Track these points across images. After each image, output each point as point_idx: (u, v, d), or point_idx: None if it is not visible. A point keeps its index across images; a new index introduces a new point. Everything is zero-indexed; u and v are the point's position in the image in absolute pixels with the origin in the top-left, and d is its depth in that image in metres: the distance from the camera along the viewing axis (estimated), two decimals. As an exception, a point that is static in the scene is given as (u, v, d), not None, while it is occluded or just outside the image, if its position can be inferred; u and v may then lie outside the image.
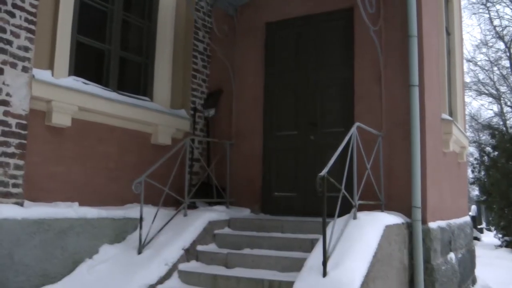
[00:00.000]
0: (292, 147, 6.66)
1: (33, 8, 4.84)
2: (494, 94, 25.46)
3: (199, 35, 7.26)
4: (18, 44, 4.67)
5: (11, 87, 4.58)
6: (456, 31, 8.83)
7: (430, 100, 6.12)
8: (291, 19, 6.86)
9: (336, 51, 6.54)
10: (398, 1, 6.04)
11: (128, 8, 6.50)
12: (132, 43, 6.65)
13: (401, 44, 5.93)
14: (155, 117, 6.33)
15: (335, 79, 6.48)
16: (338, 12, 6.52)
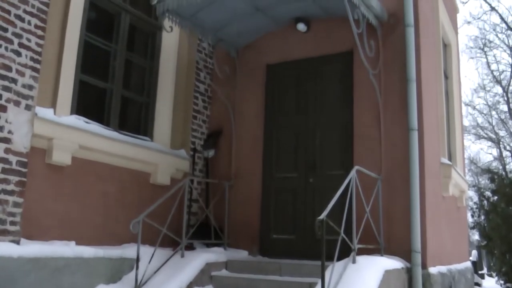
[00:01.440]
0: (291, 189, 6.65)
1: (39, 47, 4.92)
2: (493, 138, 25.60)
3: (200, 76, 7.36)
4: (23, 83, 4.73)
5: (13, 125, 4.61)
6: (454, 75, 8.96)
7: (429, 144, 6.16)
8: (292, 62, 6.97)
9: (336, 93, 6.61)
10: (397, 46, 6.16)
11: (132, 47, 6.62)
12: (134, 83, 6.73)
13: (400, 88, 6.01)
14: (155, 157, 6.34)
15: (335, 121, 6.53)
16: (338, 55, 6.63)
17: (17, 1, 4.75)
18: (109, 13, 6.33)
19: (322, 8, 6.47)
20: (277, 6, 6.50)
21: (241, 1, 6.22)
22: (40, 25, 4.95)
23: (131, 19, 6.50)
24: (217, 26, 6.69)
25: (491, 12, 23.70)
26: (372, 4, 5.79)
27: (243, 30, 6.93)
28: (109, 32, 6.31)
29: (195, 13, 6.25)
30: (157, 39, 6.88)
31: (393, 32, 6.24)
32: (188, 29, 6.48)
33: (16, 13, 4.73)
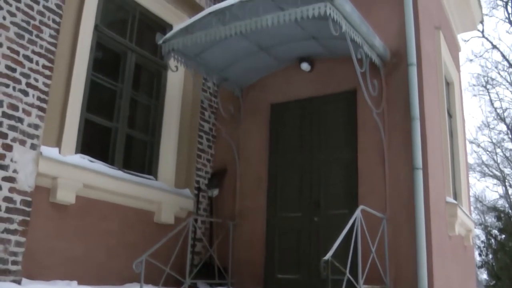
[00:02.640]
0: (295, 228, 6.59)
1: (46, 87, 4.99)
2: (498, 176, 25.47)
3: (205, 115, 7.42)
4: (29, 122, 4.78)
5: (18, 164, 4.63)
6: (458, 113, 8.98)
7: (434, 183, 6.13)
8: (296, 101, 7.02)
9: (340, 132, 6.63)
10: (400, 84, 6.20)
11: (137, 86, 6.70)
12: (139, 121, 6.78)
13: (404, 127, 6.02)
14: (159, 196, 6.33)
15: (339, 159, 6.53)
16: (342, 94, 6.67)
17: (25, 42, 4.85)
18: (115, 52, 6.43)
19: (326, 48, 6.56)
20: (281, 46, 6.60)
21: (245, 41, 6.31)
22: (47, 65, 5.04)
23: (137, 59, 6.60)
24: (221, 65, 6.78)
25: (492, 50, 24.02)
26: (375, 43, 5.87)
27: (247, 69, 7.02)
28: (115, 71, 6.40)
29: (200, 52, 6.35)
30: (162, 78, 6.97)
31: (396, 71, 6.30)
32: (193, 68, 6.56)
33: (24, 54, 4.83)
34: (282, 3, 5.17)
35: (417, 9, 6.45)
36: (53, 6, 5.18)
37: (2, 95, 4.58)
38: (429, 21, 7.15)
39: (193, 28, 5.71)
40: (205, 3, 7.49)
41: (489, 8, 23.59)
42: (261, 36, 6.21)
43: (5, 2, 4.69)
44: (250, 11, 5.26)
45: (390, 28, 6.45)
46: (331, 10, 4.91)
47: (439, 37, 7.55)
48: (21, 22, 4.83)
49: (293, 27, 5.95)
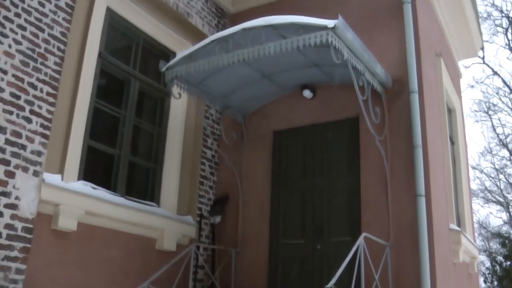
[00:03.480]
0: (298, 255, 6.53)
1: (49, 114, 5.03)
2: (502, 202, 25.31)
3: (207, 142, 7.43)
4: (32, 149, 4.80)
5: (20, 191, 4.63)
6: (460, 139, 8.99)
7: (437, 210, 6.10)
8: (298, 128, 7.04)
9: (342, 159, 6.63)
10: (403, 112, 6.23)
11: (140, 113, 6.73)
12: (142, 148, 6.80)
13: (407, 154, 6.02)
14: (161, 223, 6.30)
15: (342, 186, 6.51)
16: (344, 121, 6.69)
17: (30, 70, 4.90)
18: (119, 79, 6.49)
19: (328, 75, 6.61)
20: (283, 73, 6.64)
21: (248, 68, 6.37)
22: (51, 93, 5.09)
23: (140, 86, 6.65)
24: (224, 92, 6.82)
25: (493, 76, 24.13)
26: (377, 71, 5.92)
27: (250, 96, 7.06)
28: (118, 98, 6.45)
29: (203, 80, 6.39)
30: (165, 105, 7.01)
31: (398, 98, 6.33)
32: (196, 95, 6.60)
33: (29, 81, 4.88)
34: (284, 31, 5.22)
35: (418, 36, 6.52)
36: (58, 34, 5.25)
37: (6, 122, 4.61)
38: (430, 48, 7.21)
39: (196, 55, 5.76)
40: (208, 30, 7.57)
41: (490, 34, 23.87)
42: (264, 63, 6.27)
43: (11, 30, 4.77)
44: (252, 39, 5.32)
45: (391, 55, 6.50)
46: (332, 38, 4.96)
47: (440, 64, 7.61)
48: (27, 50, 4.90)
49: (295, 55, 6.01)
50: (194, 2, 7.41)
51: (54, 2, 5.26)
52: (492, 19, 23.72)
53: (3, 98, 4.61)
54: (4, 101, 4.62)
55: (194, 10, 7.39)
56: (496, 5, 23.90)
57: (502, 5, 24.18)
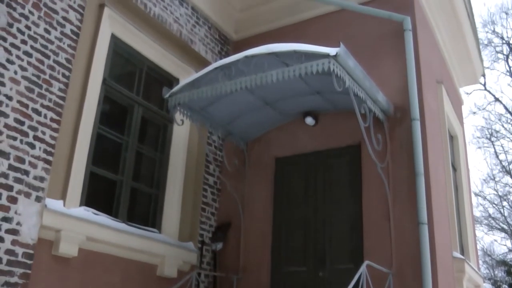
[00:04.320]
0: (300, 283, 6.46)
1: (52, 140, 5.05)
2: (506, 229, 25.10)
3: (210, 168, 7.43)
4: (35, 175, 4.81)
5: (22, 216, 4.63)
6: (462, 166, 8.98)
7: (440, 238, 6.06)
8: (300, 155, 7.04)
9: (345, 186, 6.61)
10: (404, 139, 6.24)
11: (143, 139, 6.76)
12: (144, 174, 6.80)
13: (409, 181, 6.01)
14: (162, 249, 6.27)
15: (344, 214, 6.48)
16: (346, 148, 6.70)
17: (35, 96, 4.95)
18: (122, 106, 6.53)
19: (330, 103, 6.65)
20: (285, 101, 6.68)
21: (250, 95, 6.41)
22: (55, 119, 5.12)
23: (143, 112, 6.69)
24: (227, 119, 6.85)
25: (495, 102, 24.20)
26: (378, 98, 5.95)
27: (252, 123, 7.09)
28: (121, 124, 6.48)
29: (206, 107, 6.43)
30: (168, 132, 7.04)
31: (399, 126, 6.35)
32: (198, 122, 6.62)
33: (33, 107, 4.92)
34: (287, 59, 5.28)
35: (419, 64, 6.57)
36: (63, 60, 5.32)
37: (10, 147, 4.63)
38: (431, 76, 7.26)
39: (199, 82, 5.81)
40: (211, 57, 7.66)
41: (491, 61, 24.00)
42: (266, 90, 6.31)
43: (17, 57, 4.83)
44: (255, 67, 5.37)
45: (393, 82, 6.55)
46: (334, 66, 5.00)
47: (441, 91, 7.65)
48: (32, 76, 4.95)
49: (297, 82, 6.06)
50: (198, 29, 7.51)
51: (60, 29, 5.34)
52: (493, 45, 23.96)
53: (7, 124, 4.64)
54: (8, 127, 4.65)
55: (198, 37, 7.48)
56: (496, 32, 24.13)
57: (503, 32, 24.39)
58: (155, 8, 6.72)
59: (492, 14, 24.95)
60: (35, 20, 5.07)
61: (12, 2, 4.86)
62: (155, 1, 6.74)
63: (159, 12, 6.77)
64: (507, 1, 32.99)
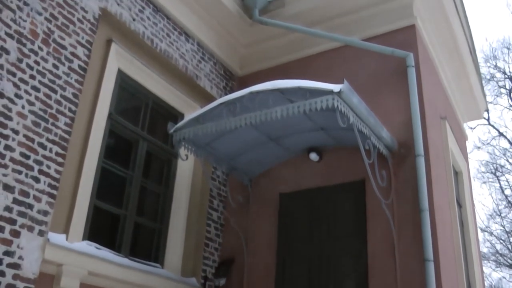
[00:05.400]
0: (304, 320, 6.37)
1: (57, 174, 5.07)
2: (514, 266, 24.73)
3: (213, 203, 7.40)
4: (38, 208, 4.81)
5: (24, 250, 4.60)
6: (468, 202, 8.92)
7: (447, 275, 5.98)
8: (304, 190, 7.00)
9: (349, 222, 6.56)
10: (409, 175, 6.22)
11: (147, 174, 6.77)
12: (148, 209, 6.79)
13: (414, 218, 5.97)
14: (164, 285, 6.20)
15: (348, 251, 6.40)
16: (350, 184, 6.66)
17: (41, 130, 4.99)
18: (127, 140, 6.57)
19: (334, 138, 6.66)
20: (290, 136, 6.70)
21: (255, 131, 6.43)
22: (60, 153, 5.15)
23: (148, 146, 6.72)
24: (231, 155, 6.86)
25: (499, 137, 24.19)
26: (382, 134, 5.97)
27: (257, 159, 7.08)
28: (126, 158, 6.51)
29: (210, 142, 6.45)
30: (172, 166, 7.05)
31: (404, 162, 6.34)
32: (202, 157, 6.62)
33: (39, 141, 4.95)
34: (291, 95, 5.32)
35: (423, 100, 6.61)
36: (70, 95, 5.38)
37: (15, 181, 4.65)
38: (435, 112, 7.30)
39: (204, 118, 5.85)
40: (216, 92, 7.73)
41: (493, 96, 24.09)
42: (271, 127, 6.34)
43: (25, 92, 4.89)
44: (260, 103, 5.41)
45: (396, 119, 6.58)
46: (338, 103, 5.04)
47: (445, 127, 7.67)
48: (39, 111, 5.00)
49: (301, 119, 6.09)
50: (203, 64, 7.61)
51: (68, 64, 5.42)
52: (496, 80, 24.09)
53: (13, 157, 4.67)
54: (14, 161, 4.67)
55: (203, 73, 7.57)
56: (498, 67, 24.29)
57: (505, 67, 24.50)
58: (161, 44, 6.83)
59: (494, 49, 25.15)
60: (44, 55, 5.16)
61: (22, 38, 4.96)
62: (161, 37, 6.86)
63: (165, 48, 6.88)
64: (509, 36, 33.46)
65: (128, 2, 6.39)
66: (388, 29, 7.28)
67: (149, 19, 6.70)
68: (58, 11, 5.41)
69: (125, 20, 6.30)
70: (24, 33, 4.99)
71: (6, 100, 4.70)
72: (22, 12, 5.01)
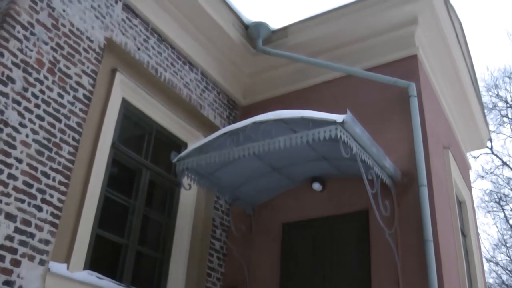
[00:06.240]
0: None
1: (60, 203, 5.06)
2: (521, 297, 24.34)
3: (216, 233, 7.35)
4: (40, 237, 4.78)
5: (24, 280, 4.57)
6: (472, 231, 8.85)
7: (452, 307, 5.89)
8: (308, 220, 6.95)
9: (353, 252, 6.49)
10: (412, 205, 6.18)
11: (149, 203, 6.74)
12: (150, 238, 6.75)
13: (418, 248, 5.91)
14: (166, 315, 6.13)
15: (352, 281, 6.32)
16: (354, 214, 6.62)
17: (45, 159, 5.00)
18: (130, 169, 6.57)
19: (337, 168, 6.65)
20: (293, 166, 6.68)
21: (258, 161, 6.42)
22: (63, 182, 5.15)
23: (151, 175, 6.71)
24: (234, 184, 6.84)
25: (503, 166, 24.08)
26: (386, 164, 5.95)
27: (260, 188, 7.06)
28: (129, 187, 6.49)
29: (213, 172, 6.44)
30: (175, 196, 7.03)
31: (407, 192, 6.31)
32: (205, 187, 6.61)
33: (42, 170, 4.95)
34: (294, 125, 5.33)
35: (425, 129, 6.61)
36: (74, 124, 5.40)
37: (17, 210, 4.64)
38: (438, 141, 7.30)
39: (207, 148, 5.85)
40: (219, 122, 7.75)
41: (496, 125, 24.06)
42: (274, 156, 6.33)
43: (29, 120, 4.92)
44: (263, 133, 5.42)
45: (399, 148, 6.57)
46: (341, 133, 5.05)
47: (448, 157, 7.67)
48: (43, 140, 5.02)
49: (304, 148, 6.08)
50: (207, 94, 7.65)
51: (73, 93, 5.46)
52: (498, 109, 24.12)
53: (16, 186, 4.67)
54: (17, 189, 4.67)
55: (207, 102, 7.61)
56: (500, 96, 24.35)
57: (507, 96, 24.54)
58: (165, 73, 6.89)
59: (495, 78, 25.18)
60: (49, 84, 5.20)
61: (28, 67, 5.01)
62: (166, 66, 6.92)
63: (169, 77, 6.94)
64: (510, 66, 33.66)
65: (133, 32, 6.47)
66: (390, 59, 7.34)
67: (154, 49, 6.78)
68: (64, 41, 5.49)
69: (130, 50, 6.37)
70: (30, 63, 5.04)
71: (10, 129, 4.72)
72: (29, 42, 5.08)
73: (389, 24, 7.35)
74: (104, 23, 6.06)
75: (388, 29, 7.38)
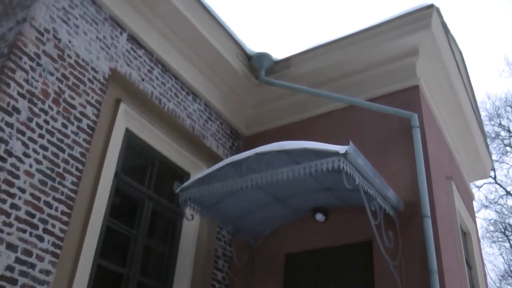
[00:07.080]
0: None
1: (62, 233, 5.05)
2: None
3: (218, 263, 7.28)
4: (41, 268, 4.75)
5: (24, 312, 4.52)
6: (477, 262, 8.76)
7: None
8: (311, 251, 6.89)
9: (356, 283, 6.41)
10: (416, 236, 6.13)
11: (152, 233, 6.70)
12: (152, 268, 6.68)
13: (423, 279, 5.83)
14: None
15: (356, 313, 6.26)
16: (357, 244, 6.56)
17: (48, 189, 5.00)
18: (133, 199, 6.55)
19: (340, 199, 6.62)
20: (295, 197, 6.66)
21: (260, 192, 6.40)
22: (66, 211, 5.14)
23: (154, 205, 6.69)
24: (237, 215, 6.80)
25: (507, 196, 23.94)
26: (389, 195, 5.94)
27: (262, 219, 7.02)
28: (131, 217, 6.46)
29: (216, 202, 6.41)
30: (177, 226, 6.99)
31: (411, 223, 6.26)
32: (208, 217, 6.59)
33: (45, 200, 4.96)
34: (297, 157, 5.34)
35: (428, 160, 6.61)
36: (78, 154, 5.43)
37: (18, 240, 4.63)
38: (441, 172, 7.28)
39: (210, 178, 5.85)
40: (222, 152, 7.76)
41: (499, 154, 24.01)
42: (276, 187, 6.32)
43: (33, 150, 4.95)
44: (266, 164, 5.43)
45: (402, 179, 6.55)
46: (344, 164, 5.06)
47: (451, 188, 7.64)
48: (46, 170, 5.03)
49: (307, 180, 6.07)
50: (210, 124, 7.69)
51: (77, 123, 5.50)
52: (501, 138, 24.10)
53: (18, 216, 4.67)
54: (19, 219, 4.66)
55: (210, 132, 7.64)
56: (503, 125, 24.37)
57: (509, 125, 24.54)
58: (169, 103, 6.94)
59: (497, 108, 25.23)
60: (53, 115, 5.25)
61: (33, 98, 5.06)
62: (169, 97, 6.98)
63: (173, 107, 6.99)
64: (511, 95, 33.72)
65: (137, 63, 6.55)
66: (392, 89, 7.39)
67: (158, 79, 6.85)
68: (70, 71, 5.56)
69: (134, 80, 6.44)
70: (35, 93, 5.10)
71: (14, 159, 4.75)
72: (35, 73, 5.15)
73: (391, 55, 7.42)
74: (109, 54, 6.14)
75: (389, 60, 7.46)
